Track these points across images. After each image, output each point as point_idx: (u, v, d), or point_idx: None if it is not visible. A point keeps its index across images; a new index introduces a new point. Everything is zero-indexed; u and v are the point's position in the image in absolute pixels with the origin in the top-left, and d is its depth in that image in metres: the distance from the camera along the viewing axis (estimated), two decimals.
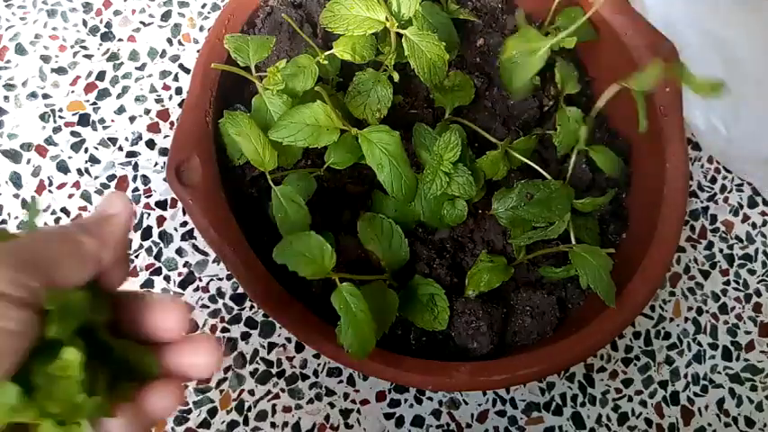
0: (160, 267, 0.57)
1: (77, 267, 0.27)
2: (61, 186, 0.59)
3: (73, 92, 0.62)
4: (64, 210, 0.58)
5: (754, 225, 0.65)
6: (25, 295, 0.24)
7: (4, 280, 0.24)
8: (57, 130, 0.60)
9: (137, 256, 0.57)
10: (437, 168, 0.46)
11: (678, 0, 0.64)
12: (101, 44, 0.64)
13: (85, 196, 0.59)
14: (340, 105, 0.47)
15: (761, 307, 0.62)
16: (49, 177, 0.59)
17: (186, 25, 0.65)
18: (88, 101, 0.62)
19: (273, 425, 0.54)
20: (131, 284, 0.57)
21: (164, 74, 0.63)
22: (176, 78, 0.63)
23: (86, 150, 0.60)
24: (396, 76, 0.48)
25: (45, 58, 0.63)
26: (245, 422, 0.54)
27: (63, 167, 0.59)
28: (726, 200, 0.65)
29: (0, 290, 0.24)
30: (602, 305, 0.47)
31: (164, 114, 0.62)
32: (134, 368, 0.28)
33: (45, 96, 0.61)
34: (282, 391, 0.55)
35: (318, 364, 0.56)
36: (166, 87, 0.63)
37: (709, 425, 0.58)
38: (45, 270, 0.26)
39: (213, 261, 0.58)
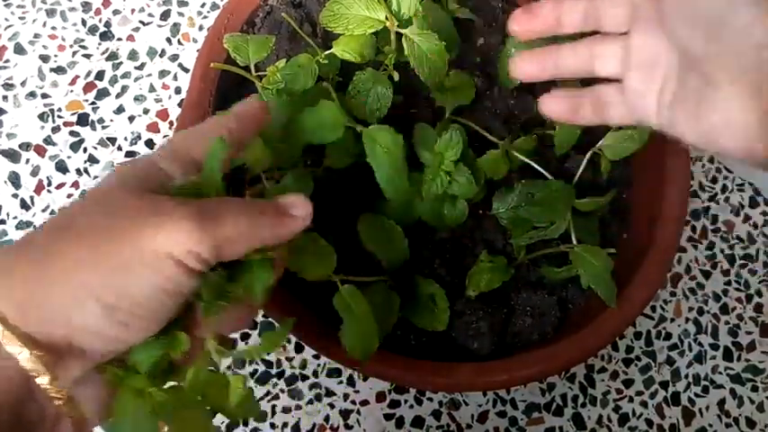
0: None
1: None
2: (60, 186, 0.59)
3: (72, 91, 0.62)
4: None
5: (755, 225, 0.64)
6: (198, 268, 0.28)
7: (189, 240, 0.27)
8: (56, 129, 0.60)
9: None
10: (438, 168, 0.45)
11: None
12: (100, 43, 0.64)
13: None
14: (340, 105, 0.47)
15: (762, 307, 0.62)
16: (48, 177, 0.59)
17: (185, 25, 0.65)
18: (87, 100, 0.62)
19: (273, 425, 0.54)
20: None
21: (163, 73, 0.63)
22: (176, 78, 0.63)
23: (85, 150, 0.60)
24: (396, 76, 0.48)
25: (44, 58, 0.62)
26: (245, 422, 0.54)
27: (62, 167, 0.59)
28: (727, 200, 0.65)
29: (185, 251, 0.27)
30: (602, 305, 0.46)
31: (163, 114, 0.62)
32: None
33: (44, 96, 0.61)
34: (282, 391, 0.55)
35: (318, 365, 0.56)
36: (166, 87, 0.63)
37: (710, 425, 0.58)
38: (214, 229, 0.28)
39: None
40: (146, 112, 0.62)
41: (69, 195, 0.58)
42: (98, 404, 0.29)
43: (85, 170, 0.59)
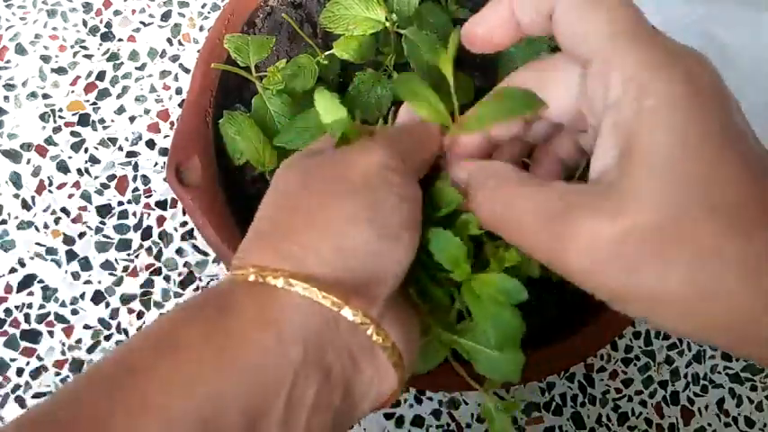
0: (160, 267, 0.57)
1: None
2: (61, 186, 0.59)
3: (73, 92, 0.62)
4: (64, 209, 0.58)
5: None
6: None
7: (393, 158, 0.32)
8: (57, 129, 0.60)
9: (137, 256, 0.57)
10: None
11: (677, 0, 0.64)
12: (101, 44, 0.64)
13: (85, 196, 0.59)
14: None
15: None
16: (48, 177, 0.59)
17: (186, 25, 0.65)
18: (88, 101, 0.62)
19: None
20: (131, 285, 0.57)
21: (164, 74, 0.63)
22: (176, 78, 0.63)
23: (86, 150, 0.60)
24: (396, 77, 0.48)
25: (45, 58, 0.63)
26: None
27: (63, 167, 0.60)
28: None
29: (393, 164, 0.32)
30: (602, 305, 0.46)
31: (164, 114, 0.62)
32: None
33: (45, 96, 0.61)
34: None
35: None
36: (166, 87, 0.63)
37: (709, 425, 0.58)
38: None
39: (213, 261, 0.58)
40: (146, 112, 0.62)
41: (70, 195, 0.59)
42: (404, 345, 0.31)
43: (86, 170, 0.60)
